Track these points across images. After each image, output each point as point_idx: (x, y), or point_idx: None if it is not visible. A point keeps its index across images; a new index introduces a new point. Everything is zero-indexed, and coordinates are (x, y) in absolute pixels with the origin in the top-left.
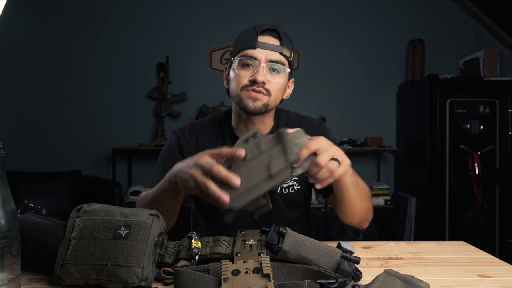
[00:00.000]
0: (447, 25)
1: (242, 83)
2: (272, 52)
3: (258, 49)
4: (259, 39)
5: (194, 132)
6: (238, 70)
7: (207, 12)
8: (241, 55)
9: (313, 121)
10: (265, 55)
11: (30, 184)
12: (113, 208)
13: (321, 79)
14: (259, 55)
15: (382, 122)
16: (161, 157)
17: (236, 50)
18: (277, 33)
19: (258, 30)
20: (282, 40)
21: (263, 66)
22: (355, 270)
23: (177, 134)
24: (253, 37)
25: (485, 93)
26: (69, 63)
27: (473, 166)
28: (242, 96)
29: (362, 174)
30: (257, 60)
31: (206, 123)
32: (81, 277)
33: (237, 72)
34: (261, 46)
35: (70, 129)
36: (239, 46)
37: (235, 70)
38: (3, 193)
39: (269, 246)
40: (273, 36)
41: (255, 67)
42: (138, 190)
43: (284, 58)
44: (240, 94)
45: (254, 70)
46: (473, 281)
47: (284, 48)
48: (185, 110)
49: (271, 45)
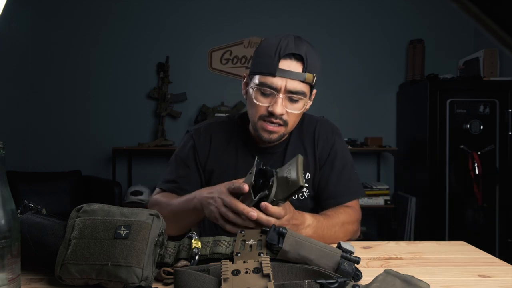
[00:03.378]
0: (447, 25)
1: (260, 113)
2: (293, 82)
3: (278, 77)
4: (280, 65)
5: (209, 132)
6: (256, 97)
7: (207, 12)
8: (260, 81)
9: (327, 126)
10: (285, 85)
11: (30, 184)
12: (113, 208)
13: (321, 79)
14: (279, 84)
15: (382, 122)
16: (176, 159)
17: (255, 69)
18: (300, 56)
19: (281, 54)
20: (305, 63)
21: (281, 97)
22: (355, 270)
23: (192, 136)
24: (274, 61)
25: (485, 93)
26: (69, 63)
27: (473, 166)
28: (258, 126)
29: (362, 174)
30: (277, 90)
31: (222, 124)
32: (81, 277)
33: (255, 99)
34: (281, 74)
35: (70, 129)
36: (258, 66)
37: (253, 96)
38: (3, 193)
39: (269, 246)
40: (296, 59)
41: (273, 97)
42: (138, 190)
43: (306, 84)
44: (257, 123)
45: (273, 99)
46: (473, 281)
47: (306, 75)
48: (185, 110)
49: (293, 73)
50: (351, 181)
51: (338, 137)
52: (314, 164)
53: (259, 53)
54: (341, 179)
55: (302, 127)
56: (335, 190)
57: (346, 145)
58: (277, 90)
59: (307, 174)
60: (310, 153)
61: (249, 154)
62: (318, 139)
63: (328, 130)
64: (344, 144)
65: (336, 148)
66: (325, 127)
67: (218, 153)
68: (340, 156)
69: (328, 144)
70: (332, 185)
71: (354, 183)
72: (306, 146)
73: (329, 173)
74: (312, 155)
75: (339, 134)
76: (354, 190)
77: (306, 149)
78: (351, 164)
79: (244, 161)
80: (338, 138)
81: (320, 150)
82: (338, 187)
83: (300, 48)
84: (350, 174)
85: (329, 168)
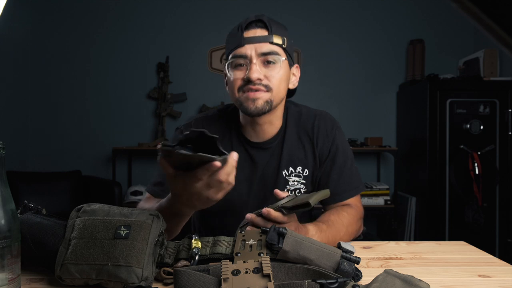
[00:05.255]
0: (447, 25)
1: (238, 85)
2: (261, 44)
3: (246, 46)
4: (245, 34)
5: (200, 127)
6: (232, 72)
7: (207, 12)
8: (231, 56)
9: (326, 119)
10: (255, 50)
11: (30, 184)
12: (113, 208)
13: (321, 79)
14: (248, 51)
15: (382, 122)
16: None
17: (226, 52)
18: (263, 23)
19: (243, 25)
20: (269, 28)
21: (255, 62)
22: (355, 270)
23: (181, 131)
24: (238, 34)
25: (485, 93)
26: (69, 63)
27: (473, 166)
28: (241, 99)
29: (362, 174)
30: (248, 57)
31: (213, 118)
32: (81, 277)
33: (230, 75)
34: (248, 41)
35: (70, 129)
36: (228, 47)
37: (229, 73)
38: (3, 193)
39: (269, 246)
40: (259, 27)
41: (247, 65)
42: (138, 190)
43: (276, 46)
44: (238, 97)
45: (247, 68)
46: (473, 281)
47: (273, 36)
48: (185, 110)
49: (259, 37)
50: (352, 177)
51: (338, 131)
52: (314, 160)
53: (227, 39)
54: (342, 175)
55: (300, 122)
56: (336, 187)
57: (346, 139)
58: (247, 57)
59: (306, 171)
60: (308, 149)
61: (243, 149)
62: (318, 135)
63: (328, 124)
64: (344, 138)
65: (337, 143)
66: (324, 121)
67: None
68: (341, 151)
69: (328, 140)
70: (334, 181)
71: (355, 179)
72: (304, 142)
73: (330, 170)
74: (311, 151)
75: (339, 128)
76: (355, 185)
77: (304, 145)
78: (352, 159)
79: (239, 157)
80: (338, 132)
81: (320, 146)
82: (339, 184)
83: (260, 16)
84: (351, 169)
85: (331, 164)
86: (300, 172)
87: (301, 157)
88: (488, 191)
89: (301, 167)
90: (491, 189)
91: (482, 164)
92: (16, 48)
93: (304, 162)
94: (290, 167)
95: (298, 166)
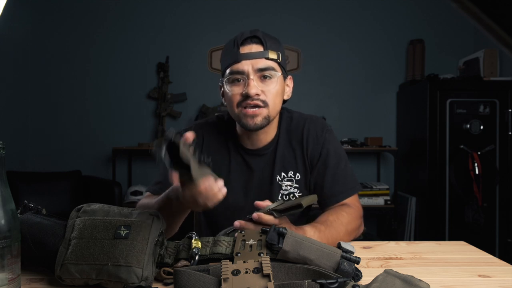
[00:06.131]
0: (447, 25)
1: (236, 100)
2: (258, 60)
3: (243, 61)
4: (241, 50)
5: (200, 133)
6: (230, 88)
7: (207, 12)
8: (228, 72)
9: (317, 123)
10: (251, 66)
11: (30, 184)
12: (113, 208)
13: (321, 79)
14: (245, 67)
15: (382, 122)
16: None
17: (223, 68)
18: (258, 38)
19: (238, 41)
20: (265, 43)
21: (252, 78)
22: (355, 270)
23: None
24: (234, 50)
25: (485, 93)
26: (69, 63)
27: (473, 166)
28: (240, 115)
29: (362, 174)
30: (245, 73)
31: (213, 125)
32: (81, 277)
33: (229, 90)
34: (244, 57)
35: (70, 129)
36: (224, 63)
37: (226, 89)
38: (3, 193)
39: (269, 246)
40: (255, 42)
41: (244, 81)
42: (138, 190)
43: (272, 61)
44: (238, 113)
45: (245, 84)
46: (473, 281)
47: (269, 52)
48: (185, 110)
49: (255, 53)
50: (347, 178)
51: (329, 134)
52: (304, 164)
53: (222, 54)
54: (336, 177)
55: (291, 127)
56: (332, 189)
57: (338, 141)
58: (245, 73)
59: (297, 175)
60: (298, 153)
61: (240, 156)
62: (308, 138)
63: (317, 128)
64: (335, 141)
65: (327, 146)
66: (314, 125)
67: (210, 154)
68: (333, 153)
69: (318, 143)
70: (328, 183)
71: (350, 179)
72: (294, 147)
73: (324, 172)
74: (300, 155)
75: (329, 131)
76: (351, 186)
77: (295, 150)
78: (345, 160)
79: (237, 163)
80: (329, 135)
81: (310, 150)
82: (334, 186)
83: (255, 32)
84: (346, 170)
85: (323, 167)
86: (292, 177)
87: (292, 161)
88: (488, 191)
89: (292, 172)
90: (491, 189)
91: (482, 164)
92: (16, 48)
93: (295, 166)
94: (282, 172)
95: (290, 171)
